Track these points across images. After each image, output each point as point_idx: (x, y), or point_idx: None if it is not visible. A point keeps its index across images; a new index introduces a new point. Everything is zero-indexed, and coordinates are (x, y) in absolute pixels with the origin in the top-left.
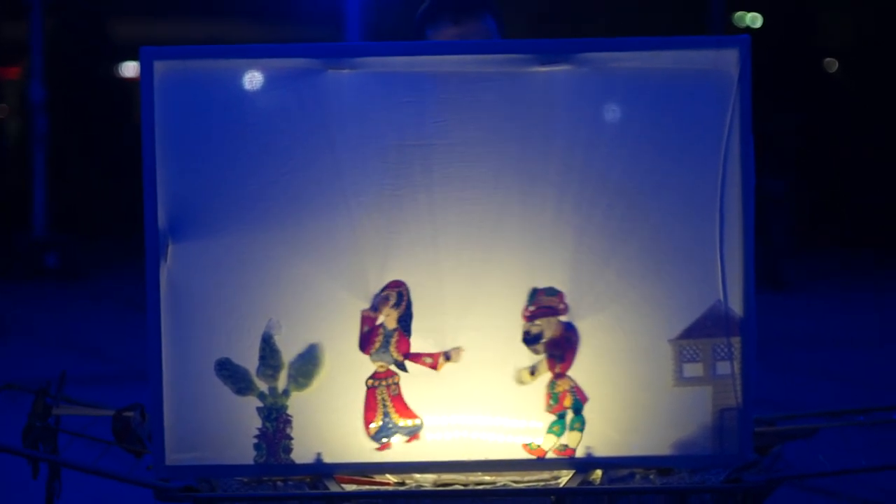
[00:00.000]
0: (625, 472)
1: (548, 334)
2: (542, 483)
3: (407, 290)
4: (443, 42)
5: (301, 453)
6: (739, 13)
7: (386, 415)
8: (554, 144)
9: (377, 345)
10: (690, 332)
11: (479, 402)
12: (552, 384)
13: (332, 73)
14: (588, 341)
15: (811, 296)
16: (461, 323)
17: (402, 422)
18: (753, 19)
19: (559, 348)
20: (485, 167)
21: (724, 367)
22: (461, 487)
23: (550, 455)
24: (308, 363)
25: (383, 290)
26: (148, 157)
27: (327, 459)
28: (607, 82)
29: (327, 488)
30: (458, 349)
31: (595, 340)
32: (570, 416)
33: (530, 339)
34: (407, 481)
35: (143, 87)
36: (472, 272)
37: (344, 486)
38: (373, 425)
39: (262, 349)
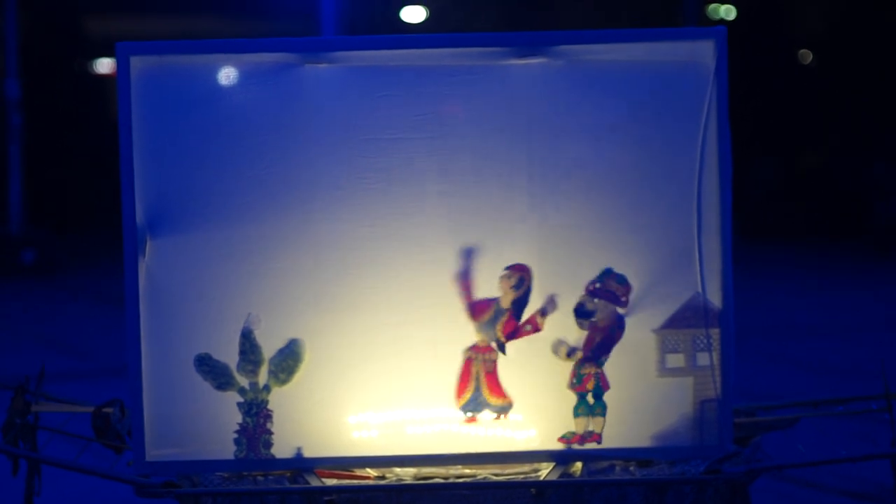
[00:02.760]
0: (605, 464)
1: (600, 317)
2: (522, 476)
3: (530, 276)
4: (419, 36)
5: (281, 448)
6: (713, 5)
7: (477, 389)
8: (532, 137)
9: (486, 317)
10: (672, 323)
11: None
12: (581, 364)
13: (309, 68)
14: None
15: (782, 285)
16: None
17: (491, 399)
18: (727, 11)
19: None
20: (463, 160)
21: (703, 359)
22: (441, 481)
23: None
24: (289, 358)
25: (507, 268)
26: (125, 153)
27: (307, 454)
28: (584, 75)
29: (308, 482)
30: (552, 299)
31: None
32: (590, 399)
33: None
34: (387, 475)
35: (120, 83)
36: (448, 265)
37: (324, 480)
38: (463, 397)
39: (242, 344)
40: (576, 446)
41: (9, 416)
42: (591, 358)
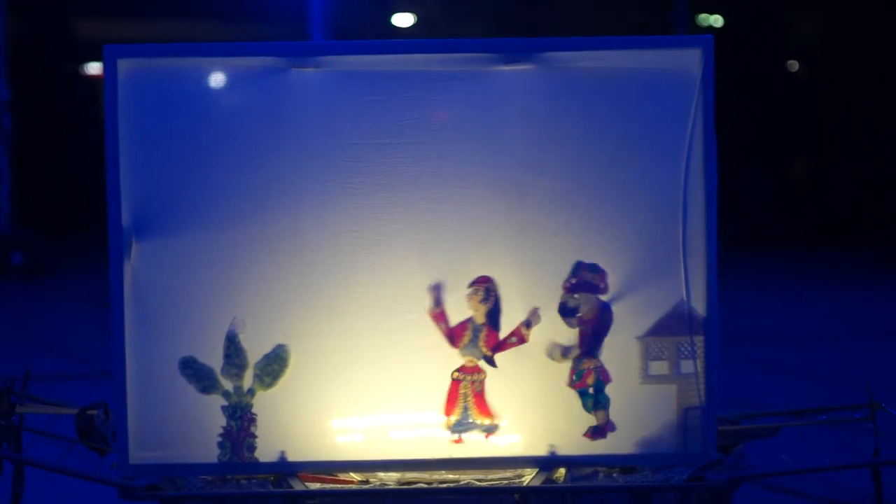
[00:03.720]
0: (588, 470)
1: (584, 310)
2: (505, 481)
3: (495, 285)
4: (406, 41)
5: (265, 452)
6: (703, 15)
7: (465, 409)
8: (518, 143)
9: (466, 339)
10: (656, 330)
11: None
12: (578, 360)
13: (296, 72)
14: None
15: (774, 294)
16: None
17: (479, 419)
18: (717, 21)
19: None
20: (450, 165)
21: (687, 366)
22: (425, 486)
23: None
24: (274, 363)
25: (471, 284)
26: (112, 155)
27: (291, 458)
28: (571, 82)
29: (291, 486)
30: (535, 313)
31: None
32: (592, 392)
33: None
34: (371, 479)
35: (107, 85)
36: (437, 269)
37: (308, 484)
38: (452, 418)
39: (227, 348)
40: (599, 439)
41: None
42: (587, 352)
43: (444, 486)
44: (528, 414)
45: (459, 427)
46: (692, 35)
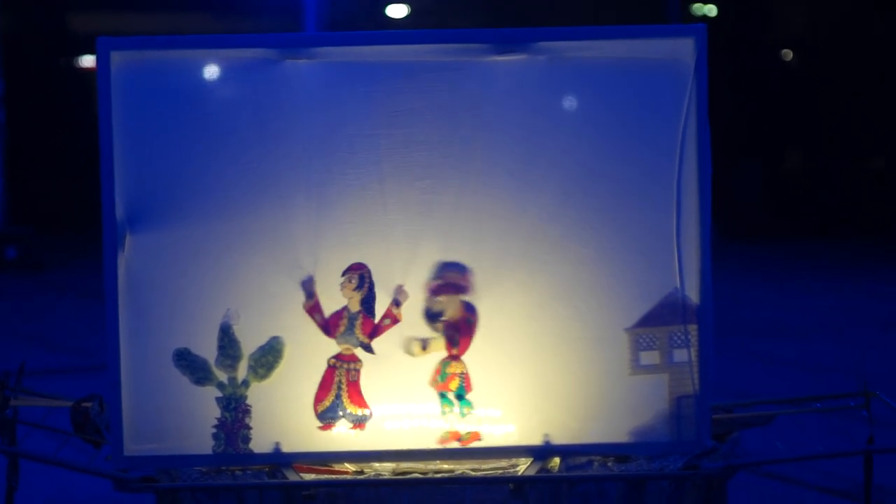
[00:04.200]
0: (583, 459)
1: (448, 313)
2: (500, 471)
3: (369, 272)
4: (399, 32)
5: (260, 443)
6: (697, 5)
7: (338, 397)
8: (511, 133)
9: (342, 328)
10: (647, 321)
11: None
12: (446, 362)
13: (289, 64)
14: (546, 329)
15: (772, 285)
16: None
17: (350, 408)
18: (711, 10)
19: (455, 330)
20: (443, 155)
21: (680, 355)
22: (420, 476)
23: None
24: (269, 354)
25: (344, 272)
26: (105, 149)
27: (286, 449)
28: (564, 72)
29: (286, 477)
30: (401, 289)
31: (552, 329)
32: (452, 399)
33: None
34: (366, 470)
35: (100, 78)
36: (430, 259)
37: (303, 475)
38: (322, 403)
39: (221, 339)
40: (454, 444)
41: None
42: (455, 356)
43: (439, 475)
44: (523, 403)
45: (329, 414)
46: (685, 24)
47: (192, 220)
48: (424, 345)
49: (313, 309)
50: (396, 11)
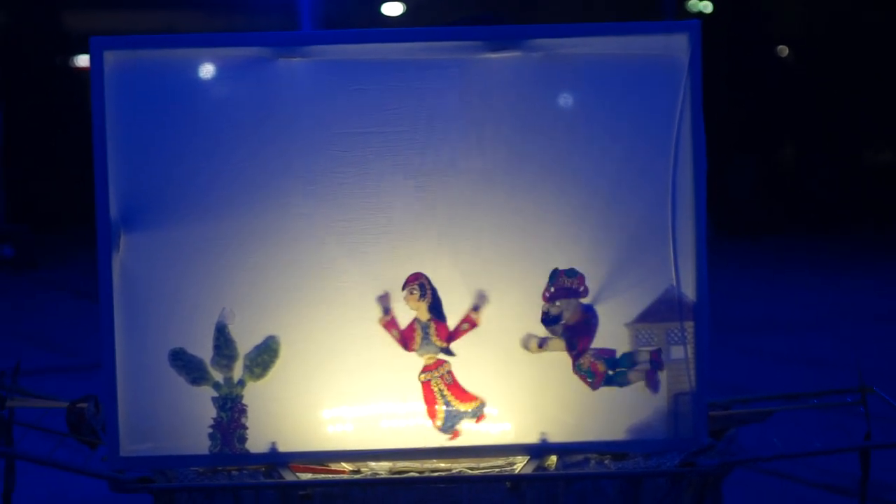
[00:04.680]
0: (580, 457)
1: (567, 316)
2: (497, 469)
3: (427, 279)
4: (393, 30)
5: (256, 443)
6: (692, 1)
7: (448, 404)
8: (506, 131)
9: (418, 340)
10: (646, 317)
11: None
12: (576, 364)
13: (283, 62)
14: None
15: (764, 279)
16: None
17: (463, 406)
18: (706, 7)
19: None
20: (436, 154)
21: (677, 352)
22: (416, 475)
23: None
24: (264, 354)
25: (404, 286)
26: (99, 148)
27: (282, 448)
28: (558, 69)
29: (282, 477)
30: (482, 295)
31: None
32: (611, 372)
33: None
34: (362, 469)
35: (94, 77)
36: (424, 258)
37: (299, 474)
38: (438, 418)
39: (217, 339)
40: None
41: None
42: (579, 355)
43: (436, 474)
44: (519, 401)
45: (449, 423)
46: (679, 20)
47: (186, 220)
48: (542, 343)
49: (390, 324)
50: (392, 9)
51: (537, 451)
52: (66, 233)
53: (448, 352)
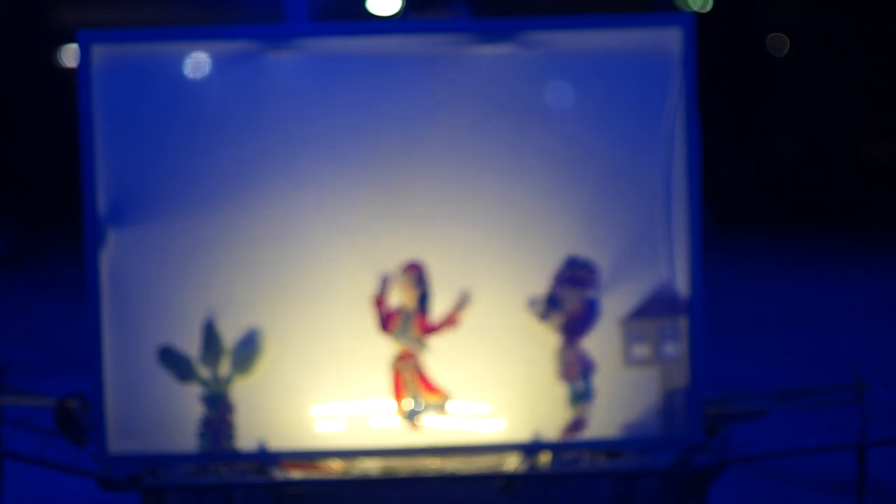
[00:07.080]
0: (573, 455)
1: (570, 305)
2: (490, 468)
3: (425, 270)
4: (383, 23)
5: (245, 440)
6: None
7: (415, 394)
8: (498, 125)
9: (398, 326)
10: (639, 313)
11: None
12: (563, 351)
13: (271, 56)
14: (536, 323)
15: (758, 275)
16: None
17: (429, 398)
18: (704, 3)
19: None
20: (427, 148)
21: (672, 349)
22: (408, 473)
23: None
24: (248, 348)
25: (403, 270)
26: (86, 142)
27: (272, 446)
28: (551, 62)
29: (272, 475)
30: (465, 294)
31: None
32: (580, 383)
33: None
34: (353, 467)
35: (81, 71)
36: (413, 254)
37: (290, 472)
38: (404, 405)
39: (204, 336)
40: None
41: None
42: (569, 343)
43: (429, 473)
44: (513, 399)
45: (413, 413)
46: (672, 14)
47: (174, 216)
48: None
49: (379, 302)
50: (385, 8)
51: (530, 449)
52: (56, 228)
53: (423, 344)
